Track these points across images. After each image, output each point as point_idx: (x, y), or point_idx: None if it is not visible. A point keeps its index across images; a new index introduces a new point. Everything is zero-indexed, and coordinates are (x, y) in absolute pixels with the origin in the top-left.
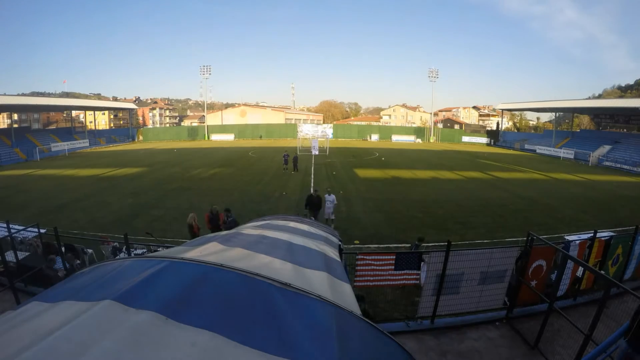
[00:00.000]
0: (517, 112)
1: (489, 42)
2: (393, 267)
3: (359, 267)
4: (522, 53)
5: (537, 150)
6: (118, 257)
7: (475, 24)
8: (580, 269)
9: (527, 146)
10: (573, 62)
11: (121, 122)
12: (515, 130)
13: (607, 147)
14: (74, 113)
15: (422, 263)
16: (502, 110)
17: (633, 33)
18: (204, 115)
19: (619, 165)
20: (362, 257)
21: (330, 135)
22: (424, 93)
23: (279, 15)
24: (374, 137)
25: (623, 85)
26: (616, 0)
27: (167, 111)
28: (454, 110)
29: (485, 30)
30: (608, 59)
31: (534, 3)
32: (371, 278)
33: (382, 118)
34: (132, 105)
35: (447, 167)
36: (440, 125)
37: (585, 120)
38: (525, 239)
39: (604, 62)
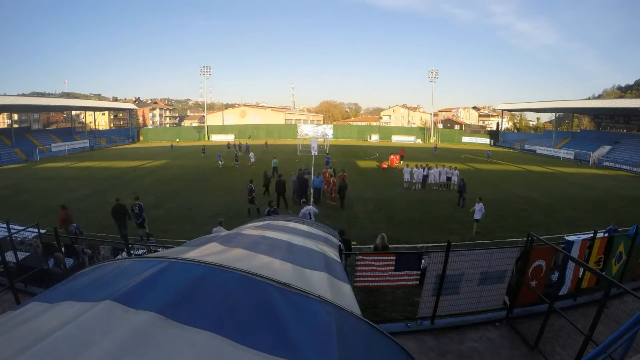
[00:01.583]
0: (517, 113)
1: (489, 43)
2: (393, 267)
3: (359, 268)
4: (522, 53)
5: (537, 151)
6: (118, 257)
7: (475, 24)
8: (582, 269)
9: (527, 146)
10: (573, 62)
11: (121, 123)
12: (515, 131)
13: (607, 148)
14: (74, 113)
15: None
16: (502, 110)
17: (633, 33)
18: (204, 116)
19: (618, 166)
20: (362, 257)
21: (330, 136)
22: (424, 93)
23: (280, 16)
24: (374, 137)
25: (623, 85)
26: (616, 1)
27: (167, 111)
28: (454, 110)
29: (485, 30)
30: (608, 59)
31: (534, 4)
32: (371, 279)
33: (382, 118)
34: (132, 106)
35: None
36: (440, 126)
37: (585, 121)
38: (525, 239)
39: (604, 62)
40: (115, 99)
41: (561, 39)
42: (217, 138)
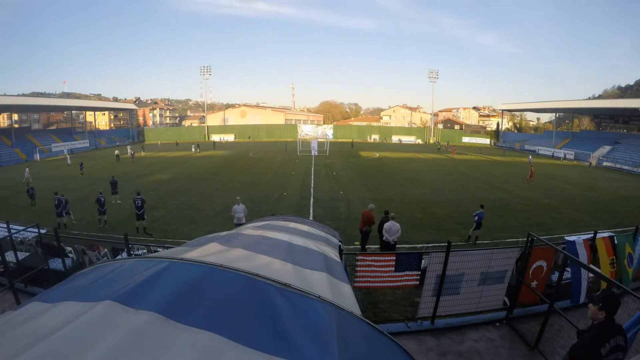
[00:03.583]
0: (517, 113)
1: (488, 42)
2: (393, 268)
3: (359, 268)
4: (522, 53)
5: (538, 151)
6: (118, 257)
7: (474, 23)
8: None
9: (527, 146)
10: (573, 61)
11: (121, 123)
12: (516, 131)
13: (607, 148)
14: (74, 113)
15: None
16: (502, 110)
17: (633, 32)
18: (204, 116)
19: (618, 166)
20: (362, 257)
21: (331, 136)
22: (424, 94)
23: (279, 15)
24: (374, 137)
25: (623, 85)
26: (615, 1)
27: (168, 111)
28: (454, 110)
29: (485, 30)
30: (608, 59)
31: (535, 3)
32: (371, 279)
33: (382, 119)
34: (132, 106)
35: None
36: (440, 126)
37: (585, 121)
38: (525, 239)
39: (604, 62)
40: (115, 99)
41: (561, 38)
42: (218, 138)
